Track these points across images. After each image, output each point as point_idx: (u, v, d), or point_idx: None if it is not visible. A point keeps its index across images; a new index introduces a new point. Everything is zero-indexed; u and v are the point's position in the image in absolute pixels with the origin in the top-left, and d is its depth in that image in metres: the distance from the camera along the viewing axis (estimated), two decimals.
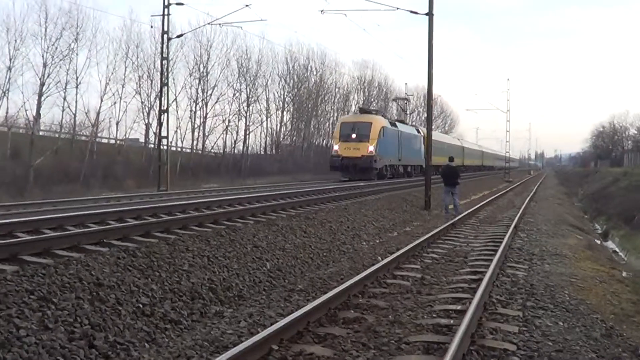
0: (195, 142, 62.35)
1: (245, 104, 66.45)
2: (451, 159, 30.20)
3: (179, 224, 15.57)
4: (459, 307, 10.21)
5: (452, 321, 9.36)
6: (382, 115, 54.49)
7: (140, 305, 9.57)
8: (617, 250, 30.98)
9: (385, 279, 12.61)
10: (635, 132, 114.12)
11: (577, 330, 9.80)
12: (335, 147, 45.77)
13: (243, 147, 67.87)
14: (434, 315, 9.95)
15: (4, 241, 11.23)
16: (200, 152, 62.75)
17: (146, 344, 8.59)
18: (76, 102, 49.54)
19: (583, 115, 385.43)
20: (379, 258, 15.21)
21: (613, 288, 14.62)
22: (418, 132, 59.42)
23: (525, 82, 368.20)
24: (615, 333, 10.27)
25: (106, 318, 8.76)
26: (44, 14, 46.33)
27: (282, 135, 76.67)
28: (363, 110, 50.94)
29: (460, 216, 25.10)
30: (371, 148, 44.14)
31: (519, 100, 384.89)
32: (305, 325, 8.78)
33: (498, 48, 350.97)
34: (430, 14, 29.88)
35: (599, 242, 31.21)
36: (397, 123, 53.00)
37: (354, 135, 44.88)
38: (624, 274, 19.14)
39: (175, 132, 58.57)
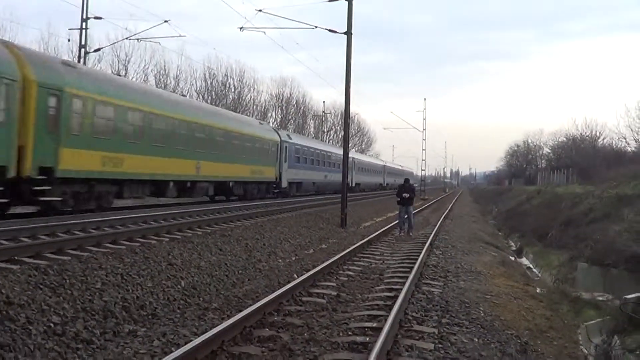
0: None
1: None
2: (407, 180, 30.04)
3: (93, 242, 15.34)
4: (374, 325, 10.26)
5: (367, 339, 9.40)
6: None
7: (52, 325, 9.35)
8: (531, 266, 31.61)
9: (301, 296, 12.62)
10: (549, 150, 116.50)
11: (492, 346, 9.97)
12: None
13: None
14: (350, 333, 9.98)
15: None
16: None
17: None
18: None
19: (498, 133, 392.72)
20: (295, 275, 15.21)
21: (527, 304, 14.94)
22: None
23: (442, 101, 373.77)
24: (530, 349, 10.51)
25: (16, 338, 8.53)
26: None
27: None
28: None
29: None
30: None
31: (436, 119, 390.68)
32: (220, 344, 8.71)
33: (416, 67, 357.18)
34: (349, 33, 30.15)
35: (513, 259, 31.79)
36: None
37: None
38: (538, 290, 19.60)
39: None
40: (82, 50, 39.81)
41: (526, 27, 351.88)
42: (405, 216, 27.65)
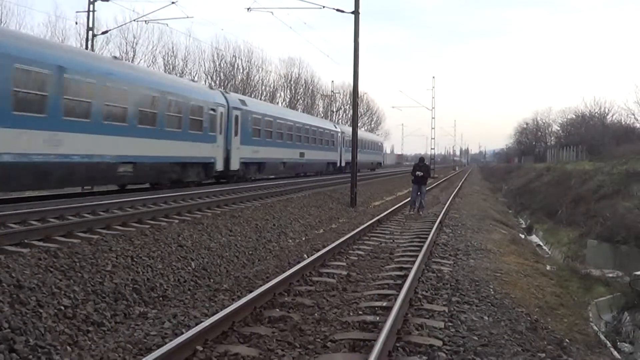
0: None
1: None
2: (422, 159, 30.02)
3: (102, 224, 15.35)
4: (384, 304, 10.28)
5: (378, 318, 9.42)
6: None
7: (62, 308, 9.39)
8: (541, 244, 31.65)
9: (311, 276, 12.63)
10: (558, 128, 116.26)
11: (503, 324, 9.98)
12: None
13: None
14: (360, 313, 10.00)
15: None
16: None
17: (68, 347, 8.41)
18: None
19: (507, 111, 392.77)
20: (305, 256, 15.22)
21: (537, 281, 14.95)
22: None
23: (451, 79, 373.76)
24: (540, 326, 10.50)
25: (27, 321, 8.57)
26: None
27: None
28: None
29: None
30: None
31: (445, 97, 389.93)
32: (230, 325, 8.73)
33: (424, 46, 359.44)
34: (356, 12, 30.02)
35: (523, 236, 31.83)
36: None
37: None
38: (548, 267, 19.59)
39: None
40: (90, 32, 39.81)
41: (535, 3, 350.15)
42: (418, 193, 27.52)
